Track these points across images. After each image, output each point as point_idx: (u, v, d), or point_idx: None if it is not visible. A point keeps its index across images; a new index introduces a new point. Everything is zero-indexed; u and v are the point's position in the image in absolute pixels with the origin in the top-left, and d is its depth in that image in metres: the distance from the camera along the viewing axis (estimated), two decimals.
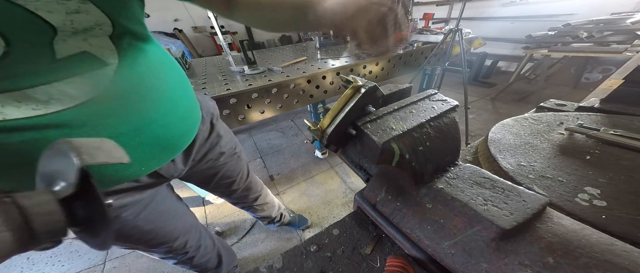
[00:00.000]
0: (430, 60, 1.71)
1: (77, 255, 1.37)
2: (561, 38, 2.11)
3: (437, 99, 0.32)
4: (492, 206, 0.23)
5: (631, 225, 0.26)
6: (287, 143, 2.23)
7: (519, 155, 0.39)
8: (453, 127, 0.31)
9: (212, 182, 0.73)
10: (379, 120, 0.28)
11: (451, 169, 0.29)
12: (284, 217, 1.24)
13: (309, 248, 0.34)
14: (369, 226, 0.36)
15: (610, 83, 0.67)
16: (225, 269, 0.91)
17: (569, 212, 0.28)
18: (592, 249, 0.20)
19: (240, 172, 0.80)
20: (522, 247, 0.22)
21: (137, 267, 1.29)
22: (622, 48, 1.70)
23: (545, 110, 0.59)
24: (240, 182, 0.82)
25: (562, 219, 0.23)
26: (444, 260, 0.27)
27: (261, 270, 0.32)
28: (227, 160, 0.71)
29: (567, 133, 0.43)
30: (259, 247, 1.34)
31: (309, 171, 1.86)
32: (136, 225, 0.51)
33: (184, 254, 0.69)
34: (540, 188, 0.32)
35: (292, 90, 1.14)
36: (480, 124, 2.26)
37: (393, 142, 0.26)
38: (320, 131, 0.30)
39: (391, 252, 0.32)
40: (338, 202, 1.56)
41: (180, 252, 0.67)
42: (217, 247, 0.86)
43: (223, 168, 0.71)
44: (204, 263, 0.78)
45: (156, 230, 0.56)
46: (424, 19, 2.15)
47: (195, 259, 0.74)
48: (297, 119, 2.66)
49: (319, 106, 1.69)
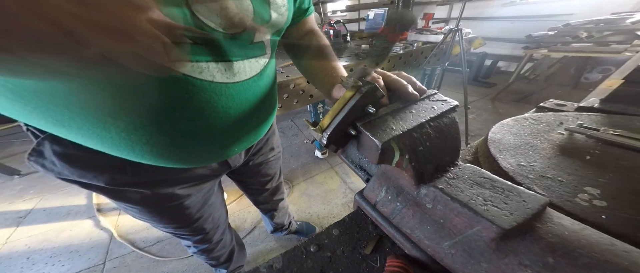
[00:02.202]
0: (430, 60, 1.71)
1: (77, 255, 1.37)
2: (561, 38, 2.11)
3: (437, 99, 0.32)
4: (492, 206, 0.23)
5: (631, 225, 0.26)
6: (287, 143, 2.23)
7: (519, 155, 0.39)
8: (453, 127, 0.31)
9: (253, 178, 0.77)
10: (379, 120, 0.28)
11: (451, 169, 0.29)
12: (291, 225, 1.24)
13: (308, 249, 0.34)
14: (369, 226, 0.36)
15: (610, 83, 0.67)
16: (233, 266, 0.94)
17: (569, 212, 0.28)
18: (592, 249, 0.20)
19: (277, 171, 0.83)
20: (522, 247, 0.22)
21: (137, 267, 1.29)
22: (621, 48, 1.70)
23: (545, 110, 0.59)
24: (273, 181, 0.85)
25: (562, 219, 0.23)
26: (444, 260, 0.27)
27: (261, 270, 0.32)
28: (274, 156, 0.75)
29: (567, 133, 0.43)
30: (259, 247, 1.34)
31: (309, 171, 1.86)
32: (190, 212, 0.57)
33: (209, 243, 0.73)
34: (540, 189, 0.32)
35: (292, 90, 1.14)
36: (480, 124, 2.26)
37: (393, 142, 0.26)
38: (320, 131, 0.30)
39: (391, 252, 0.32)
40: (338, 202, 1.56)
41: (207, 241, 0.71)
42: (233, 244, 0.90)
43: (268, 164, 0.74)
44: (217, 257, 0.83)
45: (202, 219, 0.62)
46: (424, 19, 2.15)
47: (213, 252, 0.79)
48: (297, 119, 2.66)
49: (319, 106, 1.69)
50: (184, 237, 0.66)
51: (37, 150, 0.36)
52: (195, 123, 0.36)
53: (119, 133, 0.32)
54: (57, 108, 0.27)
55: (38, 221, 1.62)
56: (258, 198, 0.90)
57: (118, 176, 0.41)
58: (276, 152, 0.75)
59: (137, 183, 0.44)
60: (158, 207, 0.51)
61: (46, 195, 1.84)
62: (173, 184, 0.49)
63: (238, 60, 0.35)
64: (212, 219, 0.66)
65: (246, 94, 0.40)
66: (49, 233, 1.51)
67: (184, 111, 0.33)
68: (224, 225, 0.76)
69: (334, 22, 1.94)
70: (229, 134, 0.42)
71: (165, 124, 0.34)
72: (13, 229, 1.57)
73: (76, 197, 1.77)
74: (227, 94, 0.36)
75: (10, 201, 1.82)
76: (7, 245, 1.46)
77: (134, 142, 0.33)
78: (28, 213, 1.70)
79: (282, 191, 0.98)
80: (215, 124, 0.38)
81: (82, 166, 0.38)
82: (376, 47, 0.32)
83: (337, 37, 1.89)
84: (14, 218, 1.66)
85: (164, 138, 0.35)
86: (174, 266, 1.26)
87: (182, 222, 0.58)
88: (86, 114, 0.29)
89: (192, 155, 0.41)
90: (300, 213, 1.51)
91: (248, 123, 0.45)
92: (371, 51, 0.32)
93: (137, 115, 0.31)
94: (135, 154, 0.35)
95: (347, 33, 1.98)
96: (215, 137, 0.40)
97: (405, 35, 1.89)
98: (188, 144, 0.38)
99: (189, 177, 0.50)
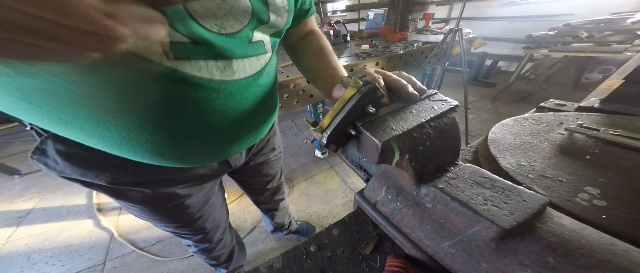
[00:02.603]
0: (430, 60, 1.71)
1: (77, 255, 1.37)
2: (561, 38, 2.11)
3: (437, 98, 0.32)
4: (492, 206, 0.23)
5: (631, 225, 0.26)
6: (287, 143, 2.23)
7: (519, 155, 0.39)
8: (453, 127, 0.30)
9: (255, 178, 0.77)
10: (379, 120, 0.28)
11: (451, 169, 0.29)
12: (291, 225, 1.24)
13: (308, 249, 0.34)
14: (369, 226, 0.36)
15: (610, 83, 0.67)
16: (233, 266, 0.94)
17: (569, 212, 0.28)
18: (592, 249, 0.20)
19: (278, 171, 0.83)
20: (522, 246, 0.22)
21: (137, 267, 1.29)
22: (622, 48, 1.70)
23: (545, 110, 0.59)
24: (275, 181, 0.85)
25: (562, 219, 0.23)
26: (444, 260, 0.27)
27: (261, 270, 0.32)
28: (275, 156, 0.75)
29: (567, 133, 0.43)
30: (259, 246, 1.34)
31: (309, 171, 1.86)
32: (191, 212, 0.57)
33: (209, 243, 0.74)
34: (540, 188, 0.32)
35: (292, 90, 1.14)
36: (480, 124, 2.26)
37: (393, 142, 0.26)
38: (320, 131, 0.30)
39: (391, 252, 0.32)
40: (338, 202, 1.56)
41: (207, 241, 0.72)
42: (233, 243, 0.90)
43: (269, 164, 0.75)
44: (217, 257, 0.83)
45: (202, 219, 0.62)
46: (424, 19, 2.15)
47: (213, 251, 0.79)
48: (297, 119, 2.66)
49: (319, 106, 1.69)
50: (184, 236, 0.66)
51: (40, 149, 0.37)
52: (194, 121, 0.36)
53: (119, 131, 0.32)
54: (59, 107, 0.28)
55: (38, 221, 1.62)
56: (259, 198, 0.90)
57: (119, 175, 0.41)
58: (277, 152, 0.75)
59: (138, 182, 0.44)
60: (159, 207, 0.51)
61: (46, 195, 1.84)
62: (174, 184, 0.49)
63: (237, 59, 0.35)
64: (212, 219, 0.67)
65: (246, 93, 0.39)
66: (49, 233, 1.51)
67: (182, 109, 0.33)
68: (224, 224, 0.76)
69: (334, 22, 1.94)
70: (228, 133, 0.42)
71: (164, 122, 0.34)
72: (13, 229, 1.57)
73: (76, 197, 1.77)
74: (226, 92, 0.36)
75: (10, 201, 1.83)
76: (7, 244, 1.46)
77: (134, 141, 0.33)
78: (28, 213, 1.70)
79: (283, 191, 0.98)
80: (215, 122, 0.38)
81: (84, 165, 0.38)
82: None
83: (337, 37, 1.89)
84: (14, 218, 1.66)
85: (163, 137, 0.35)
86: (174, 266, 1.27)
87: (183, 221, 0.58)
88: (87, 113, 0.29)
89: (192, 154, 0.41)
90: (300, 213, 1.51)
91: (248, 122, 0.45)
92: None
93: (137, 113, 0.31)
94: (135, 153, 0.35)
95: (347, 33, 1.98)
96: (215, 136, 0.40)
97: (405, 35, 1.89)
98: (188, 143, 0.38)
99: (190, 177, 0.50)
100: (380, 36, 2.05)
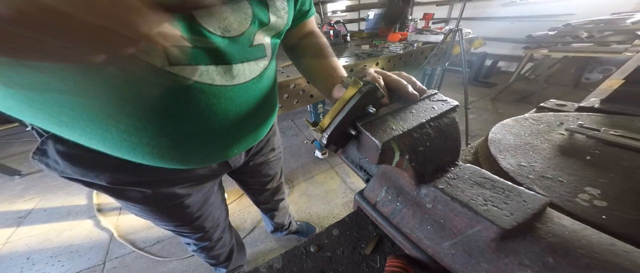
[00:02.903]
0: (431, 60, 1.71)
1: (78, 255, 1.37)
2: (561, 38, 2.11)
3: (437, 99, 0.32)
4: (492, 206, 0.23)
5: (632, 225, 0.26)
6: (287, 144, 2.23)
7: (519, 156, 0.39)
8: (453, 127, 0.30)
9: (254, 178, 0.78)
10: (379, 121, 0.28)
11: (451, 169, 0.29)
12: (291, 225, 1.24)
13: (308, 249, 0.34)
14: (369, 226, 0.36)
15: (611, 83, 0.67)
16: (232, 266, 0.94)
17: (570, 212, 0.28)
18: (592, 249, 0.20)
19: (278, 171, 0.84)
20: (523, 247, 0.22)
21: (137, 267, 1.29)
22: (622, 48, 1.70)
23: (545, 110, 0.59)
24: (274, 181, 0.86)
25: (563, 219, 0.23)
26: (444, 260, 0.27)
27: (261, 270, 0.32)
28: (274, 157, 0.75)
29: (567, 133, 0.43)
30: (259, 247, 1.34)
31: (309, 171, 1.86)
32: (190, 211, 0.58)
33: (209, 241, 0.74)
34: (541, 189, 0.32)
35: (292, 90, 1.14)
36: (480, 124, 2.26)
37: (393, 142, 0.26)
38: (320, 131, 0.30)
39: (391, 252, 0.32)
40: (338, 202, 1.56)
41: (207, 239, 0.72)
42: (232, 243, 0.90)
43: (268, 164, 0.75)
44: (217, 256, 0.84)
45: (202, 218, 0.63)
46: (424, 19, 2.15)
47: (213, 250, 0.80)
48: (297, 119, 2.66)
49: (319, 106, 1.69)
50: (184, 235, 0.67)
51: (41, 149, 0.37)
52: (195, 125, 0.36)
53: (120, 134, 0.32)
54: (61, 109, 0.28)
55: (38, 221, 1.62)
56: (259, 198, 0.91)
57: (119, 175, 0.41)
58: (277, 152, 0.75)
59: (138, 182, 0.44)
60: (159, 206, 0.52)
61: (47, 195, 1.84)
62: (173, 184, 0.49)
63: (237, 64, 0.35)
64: (212, 218, 0.67)
65: (246, 97, 0.40)
66: (50, 233, 1.51)
67: (183, 114, 0.34)
68: (224, 223, 0.77)
69: (334, 22, 1.94)
70: (228, 136, 0.42)
71: (166, 126, 0.34)
72: (13, 229, 1.57)
73: (76, 197, 1.77)
74: (226, 96, 0.36)
75: (10, 201, 1.83)
76: (7, 245, 1.46)
77: (134, 144, 0.33)
78: (28, 213, 1.70)
79: (283, 191, 0.98)
80: (215, 126, 0.38)
81: (84, 165, 0.38)
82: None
83: (337, 37, 1.89)
84: (15, 218, 1.66)
85: (164, 140, 0.35)
86: (174, 266, 1.27)
87: (183, 220, 0.59)
88: (89, 115, 0.29)
89: (192, 156, 0.41)
90: (300, 213, 1.51)
91: (248, 125, 0.45)
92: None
93: (138, 116, 0.31)
94: (136, 155, 0.35)
95: (347, 33, 1.98)
96: (215, 138, 0.41)
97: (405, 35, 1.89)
98: (188, 146, 0.38)
99: (190, 177, 0.51)
100: (380, 36, 2.05)
